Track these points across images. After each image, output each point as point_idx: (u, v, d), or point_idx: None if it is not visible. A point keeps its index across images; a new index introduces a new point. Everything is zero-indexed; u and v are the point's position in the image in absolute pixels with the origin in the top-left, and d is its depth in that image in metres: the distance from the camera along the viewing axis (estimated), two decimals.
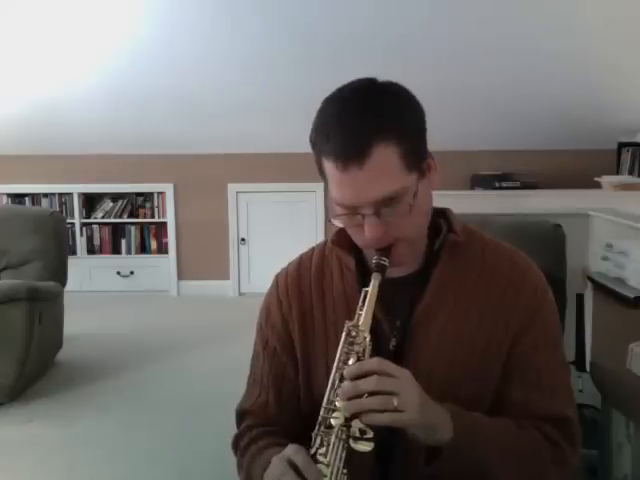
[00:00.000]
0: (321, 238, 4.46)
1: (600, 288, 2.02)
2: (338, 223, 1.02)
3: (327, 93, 1.01)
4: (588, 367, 2.09)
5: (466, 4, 3.48)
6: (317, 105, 1.01)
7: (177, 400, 3.21)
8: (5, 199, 5.21)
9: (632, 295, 1.84)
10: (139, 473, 2.55)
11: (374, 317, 1.00)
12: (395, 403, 0.87)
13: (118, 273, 5.23)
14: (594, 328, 2.10)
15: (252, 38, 3.77)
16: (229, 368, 2.51)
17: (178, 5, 3.59)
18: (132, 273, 5.23)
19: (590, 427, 2.06)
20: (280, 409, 1.12)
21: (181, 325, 4.47)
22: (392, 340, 1.03)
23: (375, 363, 0.91)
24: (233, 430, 1.17)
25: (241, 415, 1.17)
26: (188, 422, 2.95)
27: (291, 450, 0.91)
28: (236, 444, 1.14)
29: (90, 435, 2.87)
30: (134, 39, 3.82)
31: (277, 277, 1.18)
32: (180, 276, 5.25)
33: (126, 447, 2.75)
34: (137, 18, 3.67)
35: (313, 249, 1.18)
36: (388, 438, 1.00)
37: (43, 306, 3.34)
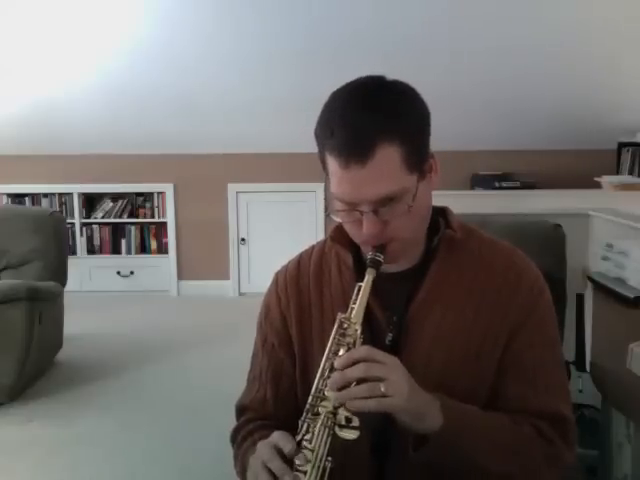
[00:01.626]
0: (321, 238, 4.46)
1: (600, 288, 2.02)
2: (336, 218, 1.03)
3: (328, 93, 1.01)
4: (588, 367, 2.09)
5: (466, 4, 3.48)
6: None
7: (177, 400, 3.21)
8: (5, 199, 5.21)
9: (632, 295, 1.85)
10: (139, 473, 2.55)
11: (371, 311, 1.01)
12: (382, 389, 0.88)
13: (118, 273, 5.23)
14: (594, 328, 2.10)
15: (252, 38, 3.77)
16: (229, 368, 2.51)
17: (178, 5, 3.59)
18: (132, 273, 5.24)
19: (590, 427, 2.06)
20: (278, 405, 1.14)
21: (181, 325, 4.47)
22: (388, 335, 1.04)
23: (363, 351, 0.92)
24: (232, 426, 1.18)
25: (240, 410, 1.19)
26: (188, 422, 2.95)
27: (277, 436, 0.93)
28: (234, 437, 1.16)
29: (90, 435, 2.87)
30: (134, 39, 3.82)
31: (277, 275, 1.19)
32: (180, 276, 5.26)
33: (126, 447, 2.75)
34: (137, 18, 3.67)
35: (313, 247, 1.19)
36: (383, 433, 1.01)
37: (43, 306, 3.34)
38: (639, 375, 1.52)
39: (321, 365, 0.95)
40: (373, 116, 0.93)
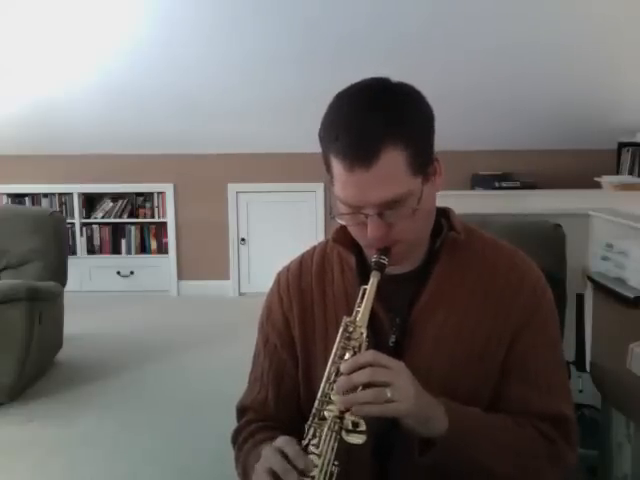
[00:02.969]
0: (321, 238, 4.46)
1: (600, 288, 2.02)
2: (341, 221, 1.02)
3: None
4: (588, 367, 2.09)
5: (466, 3, 3.48)
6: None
7: (177, 400, 3.21)
8: (5, 199, 5.21)
9: (632, 295, 1.85)
10: (139, 473, 2.55)
11: (374, 313, 1.00)
12: (388, 394, 0.88)
13: (118, 273, 5.23)
14: (594, 328, 2.10)
15: (252, 38, 3.77)
16: (229, 368, 2.51)
17: (178, 5, 3.59)
18: (132, 273, 5.24)
19: (590, 427, 2.06)
20: (279, 406, 1.14)
21: (181, 325, 4.47)
22: (391, 337, 1.04)
23: (369, 355, 0.92)
24: (233, 427, 1.18)
25: (241, 411, 1.19)
26: (188, 422, 2.95)
27: (281, 441, 0.92)
28: (235, 439, 1.16)
29: (90, 435, 2.87)
30: (134, 39, 3.82)
31: (279, 275, 1.19)
32: (180, 276, 5.25)
33: (126, 447, 2.75)
34: (137, 18, 3.67)
35: (315, 247, 1.19)
36: (386, 435, 1.01)
37: (43, 306, 3.34)
38: (639, 375, 1.52)
39: (327, 369, 0.95)
40: (378, 119, 0.93)
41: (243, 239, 5.19)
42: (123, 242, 5.27)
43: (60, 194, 5.21)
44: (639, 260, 1.91)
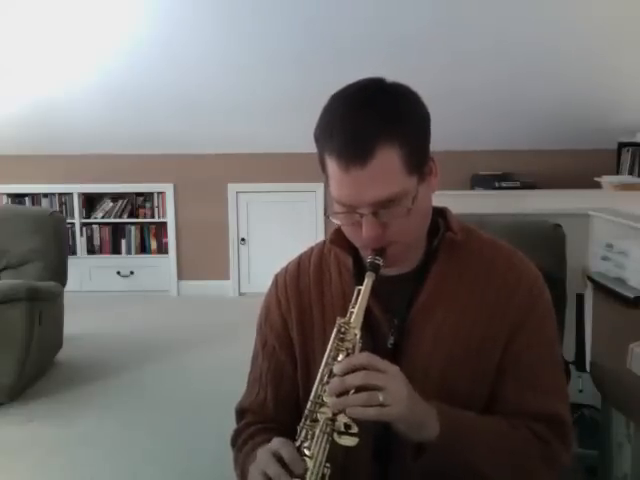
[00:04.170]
0: (321, 238, 4.46)
1: (600, 288, 2.02)
2: (336, 220, 1.02)
3: (327, 93, 1.01)
4: (588, 367, 2.09)
5: (466, 4, 3.48)
6: (317, 105, 1.01)
7: (177, 400, 3.21)
8: (5, 199, 5.21)
9: (632, 295, 1.85)
10: (139, 473, 2.55)
11: (372, 314, 1.00)
12: (380, 398, 0.87)
13: (118, 273, 5.23)
14: (594, 328, 2.10)
15: (252, 38, 3.77)
16: (229, 368, 2.51)
17: (178, 5, 3.59)
18: (132, 273, 5.24)
19: (590, 427, 2.06)
20: (278, 407, 1.13)
21: (181, 325, 4.47)
22: (390, 338, 1.03)
23: (363, 358, 0.91)
24: (233, 429, 1.18)
25: (240, 413, 1.19)
26: (188, 422, 2.95)
27: (277, 443, 0.92)
28: (234, 440, 1.16)
29: (90, 435, 2.87)
30: (134, 39, 3.82)
31: (276, 276, 1.19)
32: (180, 276, 5.26)
33: (126, 447, 2.75)
34: (137, 18, 3.67)
35: (312, 248, 1.19)
36: (385, 437, 1.01)
37: (43, 306, 3.34)
38: (639, 375, 1.52)
39: (320, 370, 0.95)
40: (373, 118, 0.93)
41: (243, 239, 5.19)
42: (123, 242, 5.27)
43: (60, 194, 5.21)
44: (639, 260, 1.91)
